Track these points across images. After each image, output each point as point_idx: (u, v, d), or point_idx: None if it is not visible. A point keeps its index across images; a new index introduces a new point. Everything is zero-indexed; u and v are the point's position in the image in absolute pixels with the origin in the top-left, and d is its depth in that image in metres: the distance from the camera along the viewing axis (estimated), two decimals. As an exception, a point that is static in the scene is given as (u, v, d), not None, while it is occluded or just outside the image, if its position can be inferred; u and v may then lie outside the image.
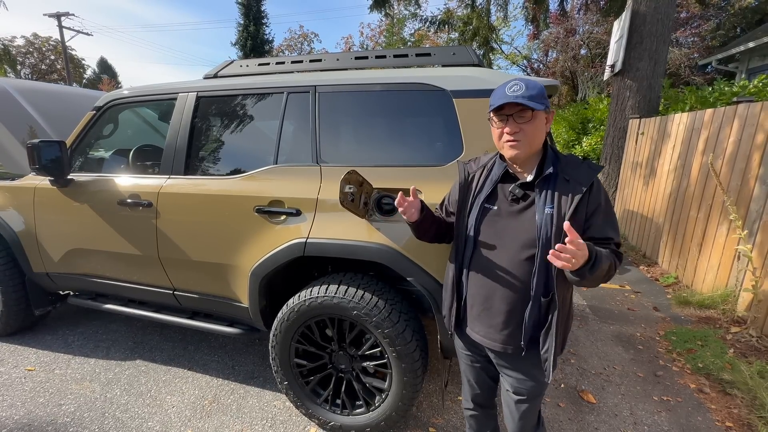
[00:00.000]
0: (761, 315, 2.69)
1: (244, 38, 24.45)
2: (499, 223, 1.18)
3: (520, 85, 1.08)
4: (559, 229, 1.07)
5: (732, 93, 5.00)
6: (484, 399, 1.47)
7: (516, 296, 1.16)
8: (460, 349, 1.40)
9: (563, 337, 1.20)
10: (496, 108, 1.11)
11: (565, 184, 1.11)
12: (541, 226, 1.10)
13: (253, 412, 2.05)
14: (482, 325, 1.24)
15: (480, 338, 1.25)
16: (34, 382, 2.25)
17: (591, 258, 1.00)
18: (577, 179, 1.11)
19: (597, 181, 1.13)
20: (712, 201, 3.30)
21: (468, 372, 1.43)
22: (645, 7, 5.25)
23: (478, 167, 1.29)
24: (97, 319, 3.00)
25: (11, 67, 18.96)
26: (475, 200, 1.23)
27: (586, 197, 1.10)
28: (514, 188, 1.17)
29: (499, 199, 1.20)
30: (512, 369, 1.25)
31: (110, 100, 2.29)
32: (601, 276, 1.06)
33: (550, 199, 1.11)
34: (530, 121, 1.10)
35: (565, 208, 1.09)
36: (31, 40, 25.85)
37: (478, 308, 1.24)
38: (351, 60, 2.03)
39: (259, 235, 1.84)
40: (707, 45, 12.38)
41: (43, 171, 2.15)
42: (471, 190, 1.26)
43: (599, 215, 1.12)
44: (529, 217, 1.13)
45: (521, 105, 1.07)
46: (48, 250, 2.40)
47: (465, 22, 11.72)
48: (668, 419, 2.04)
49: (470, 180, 1.28)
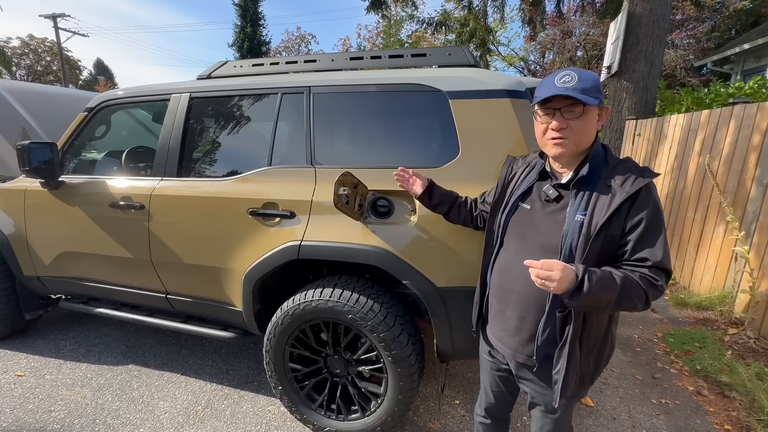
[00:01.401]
0: (759, 316, 2.68)
1: (241, 40, 24.39)
2: (529, 223, 1.10)
3: (572, 76, 0.96)
4: (585, 240, 0.96)
5: (728, 94, 5.02)
6: (499, 410, 1.40)
7: (530, 304, 1.08)
8: (483, 353, 1.34)
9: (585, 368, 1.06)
10: (543, 100, 0.99)
11: (606, 190, 0.97)
12: (566, 234, 0.99)
13: (247, 417, 2.02)
14: (497, 327, 1.20)
15: (494, 340, 1.21)
16: (24, 388, 2.21)
17: (576, 281, 0.88)
18: (622, 185, 0.96)
19: (646, 190, 0.96)
20: (709, 202, 3.30)
21: (486, 379, 1.36)
22: (641, 9, 5.27)
23: (523, 164, 1.22)
24: (90, 323, 2.96)
25: (6, 69, 18.84)
26: (511, 197, 1.17)
27: (626, 207, 0.94)
28: (548, 188, 1.08)
29: (533, 197, 1.12)
30: (528, 380, 1.19)
31: (102, 101, 2.26)
32: (605, 304, 0.92)
33: (584, 206, 0.98)
34: (580, 117, 0.98)
35: (598, 218, 0.95)
36: (27, 42, 25.69)
37: (495, 309, 1.20)
38: (346, 60, 2.01)
39: (253, 237, 1.81)
40: (703, 47, 12.46)
41: (34, 173, 2.11)
42: (510, 187, 1.20)
43: (638, 230, 0.94)
44: (559, 221, 1.03)
45: (572, 99, 0.96)
46: (39, 253, 2.36)
47: (462, 23, 11.72)
48: (666, 422, 2.02)
49: (512, 176, 1.21)
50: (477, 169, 1.55)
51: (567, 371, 1.02)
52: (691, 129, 3.67)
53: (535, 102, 1.03)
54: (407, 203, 1.62)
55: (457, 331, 1.60)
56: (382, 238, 1.60)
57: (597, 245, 0.95)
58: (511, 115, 1.55)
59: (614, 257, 0.99)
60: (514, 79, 1.62)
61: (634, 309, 0.96)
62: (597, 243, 0.95)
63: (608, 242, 0.96)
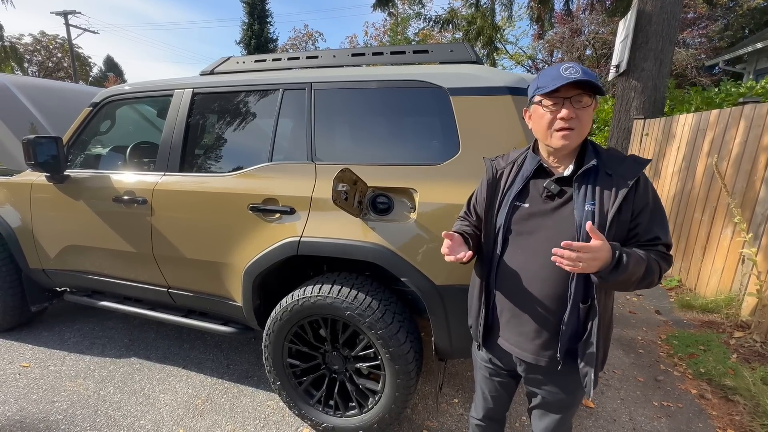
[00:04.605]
0: (765, 320, 2.64)
1: (248, 37, 24.50)
2: (531, 222, 1.07)
3: (576, 68, 0.96)
4: (600, 228, 0.98)
5: (738, 94, 4.93)
6: (496, 413, 1.38)
7: (550, 302, 1.05)
8: (480, 359, 1.30)
9: (604, 351, 1.10)
10: (552, 90, 0.97)
11: (608, 179, 1.00)
12: (581, 225, 0.99)
13: (246, 411, 2.03)
14: (512, 333, 1.14)
15: (510, 347, 1.15)
16: (29, 379, 2.25)
17: (614, 259, 0.91)
18: (622, 174, 1.00)
19: (644, 176, 1.02)
20: (717, 203, 3.24)
21: (484, 384, 1.33)
22: (651, 7, 5.19)
23: (506, 163, 1.18)
24: (94, 316, 3.00)
25: (18, 65, 19.07)
26: (504, 198, 1.12)
27: (631, 194, 0.99)
28: (549, 184, 1.05)
29: (530, 196, 1.09)
30: (544, 383, 1.16)
31: (107, 96, 2.28)
32: (633, 280, 0.95)
33: (591, 195, 1.00)
34: (588, 107, 0.99)
35: (608, 205, 0.98)
36: (38, 38, 26.02)
37: (508, 314, 1.14)
38: (348, 57, 2.01)
39: (253, 233, 1.82)
40: (714, 46, 12.25)
41: (39, 167, 2.14)
42: (500, 188, 1.15)
43: (646, 213, 1.01)
44: (566, 215, 1.02)
45: (581, 88, 0.95)
46: (44, 247, 2.39)
47: (469, 21, 11.64)
48: (668, 425, 2.00)
49: (498, 177, 1.16)
50: (477, 166, 1.53)
51: (597, 360, 1.04)
52: (700, 129, 3.61)
53: (543, 92, 0.99)
54: (407, 200, 1.61)
55: (455, 329, 1.59)
56: (381, 235, 1.60)
57: (612, 232, 0.99)
58: (513, 113, 1.53)
59: (624, 240, 1.02)
60: (516, 76, 1.61)
61: (650, 285, 1.01)
62: (612, 230, 0.99)
63: (620, 227, 1.00)
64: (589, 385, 1.06)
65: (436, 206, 1.55)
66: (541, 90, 1.00)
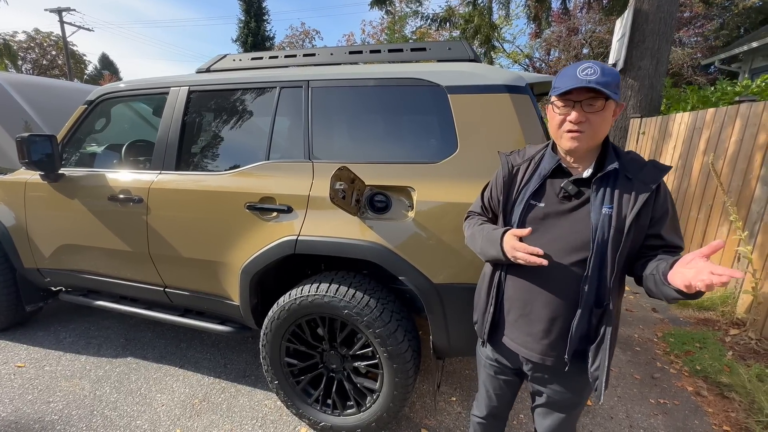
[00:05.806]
0: (761, 317, 2.66)
1: (245, 35, 24.35)
2: (546, 221, 1.06)
3: (595, 69, 0.94)
4: (618, 232, 0.97)
5: (734, 92, 4.94)
6: (500, 411, 1.38)
7: (561, 303, 1.05)
8: (485, 358, 1.29)
9: (612, 352, 1.10)
10: (564, 92, 0.97)
11: (627, 183, 0.99)
12: (597, 228, 0.98)
13: (243, 411, 2.02)
14: (519, 333, 1.13)
15: (516, 346, 1.15)
16: (24, 379, 2.23)
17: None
18: (642, 179, 0.99)
19: (664, 184, 1.01)
20: (713, 202, 3.26)
21: (488, 382, 1.32)
22: (648, 6, 5.21)
23: (523, 160, 1.16)
24: (90, 316, 2.98)
25: (12, 63, 18.90)
26: (520, 195, 1.11)
27: (651, 200, 0.98)
28: (567, 184, 1.04)
29: (546, 195, 1.08)
30: (550, 381, 1.16)
31: (101, 94, 2.26)
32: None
33: (609, 198, 0.99)
34: (600, 111, 0.97)
35: (626, 210, 0.97)
36: (33, 36, 25.76)
37: (516, 314, 1.13)
38: (345, 54, 2.00)
39: (250, 232, 1.81)
40: (710, 45, 12.31)
41: (33, 166, 2.12)
42: (515, 185, 1.13)
43: (667, 221, 1.00)
44: (582, 217, 1.01)
45: (594, 91, 0.94)
46: (39, 246, 2.37)
47: (466, 20, 11.64)
48: (665, 422, 2.01)
49: (514, 173, 1.14)
50: (475, 165, 1.54)
51: (609, 363, 1.04)
52: (696, 127, 3.63)
53: (555, 93, 1.00)
54: (404, 199, 1.61)
55: (453, 328, 1.59)
56: (378, 234, 1.59)
57: (630, 237, 0.98)
58: (511, 111, 1.53)
59: (641, 245, 1.02)
60: (514, 74, 1.60)
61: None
62: (630, 235, 0.98)
63: (638, 232, 1.00)
64: (600, 388, 1.05)
65: (434, 204, 1.55)
66: (555, 90, 1.00)
